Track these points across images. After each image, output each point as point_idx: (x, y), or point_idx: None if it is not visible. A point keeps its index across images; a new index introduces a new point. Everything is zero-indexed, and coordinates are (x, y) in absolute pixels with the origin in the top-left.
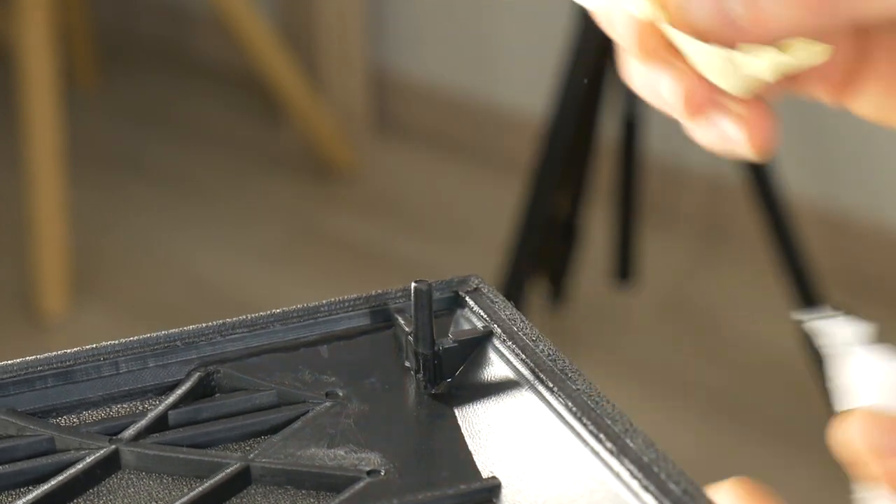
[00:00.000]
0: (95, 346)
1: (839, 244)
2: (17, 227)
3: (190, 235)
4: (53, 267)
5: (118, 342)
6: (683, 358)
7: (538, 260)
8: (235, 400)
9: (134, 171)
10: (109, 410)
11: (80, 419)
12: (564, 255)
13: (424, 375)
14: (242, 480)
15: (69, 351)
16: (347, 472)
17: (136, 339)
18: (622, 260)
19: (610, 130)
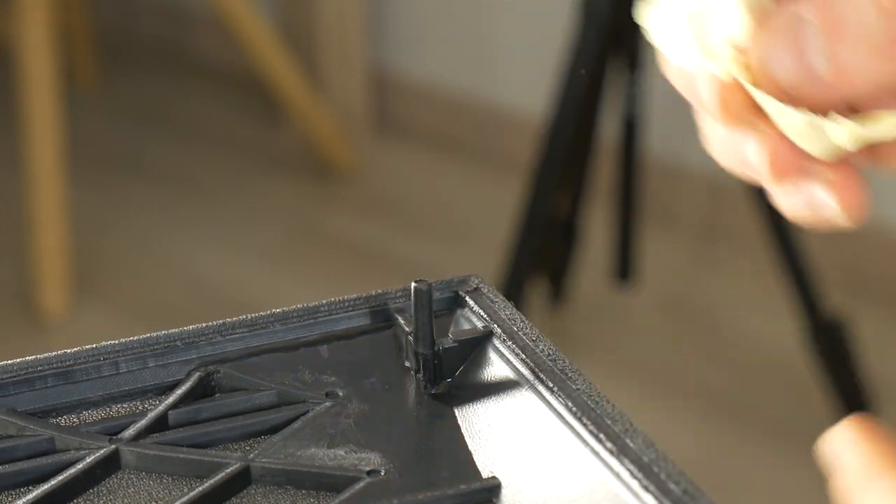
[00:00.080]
0: (95, 346)
1: (839, 244)
2: (17, 227)
3: (190, 235)
4: (53, 267)
5: (118, 342)
6: (683, 358)
7: (538, 260)
8: (235, 400)
9: (134, 171)
10: (109, 410)
11: (80, 419)
12: (564, 255)
13: (424, 375)
14: (242, 480)
15: (69, 351)
16: (347, 472)
17: (136, 339)
18: (622, 260)
19: (610, 130)
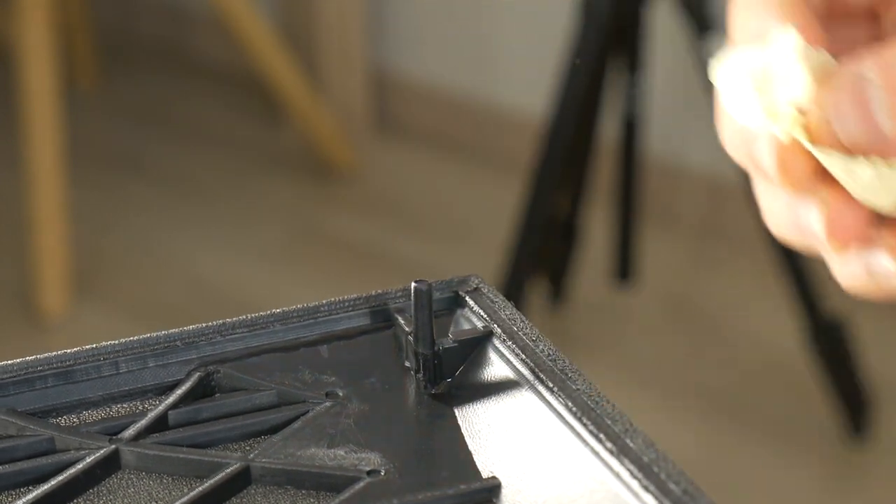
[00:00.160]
0: (95, 346)
1: None
2: (17, 227)
3: (190, 235)
4: (53, 267)
5: (118, 342)
6: (683, 358)
7: (538, 260)
8: (235, 400)
9: (134, 171)
10: (109, 410)
11: (80, 419)
12: (564, 255)
13: (424, 375)
14: (242, 480)
15: (69, 351)
16: (347, 472)
17: (136, 339)
18: (622, 260)
19: (610, 130)
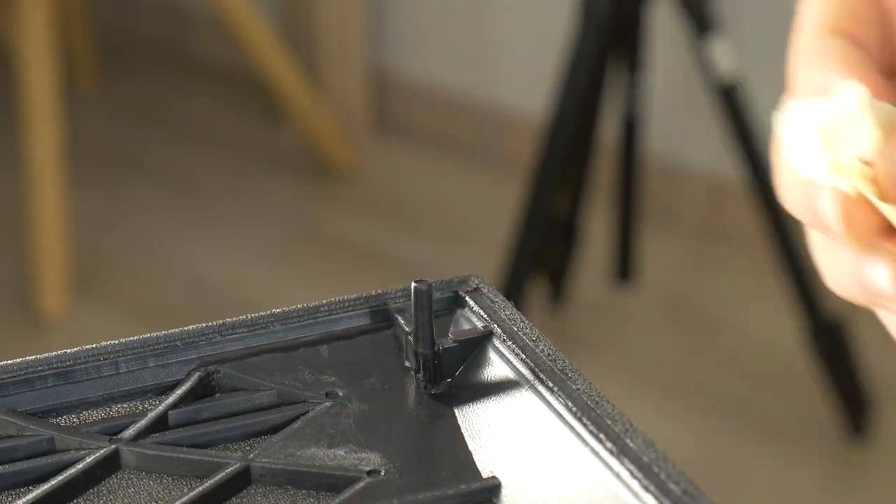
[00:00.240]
0: (95, 346)
1: None
2: (17, 227)
3: (190, 235)
4: (53, 267)
5: (118, 342)
6: (683, 358)
7: (538, 260)
8: (235, 400)
9: (134, 171)
10: (109, 410)
11: (80, 419)
12: (564, 255)
13: (424, 375)
14: (242, 480)
15: (69, 351)
16: (347, 472)
17: (136, 339)
18: (622, 260)
19: (610, 130)
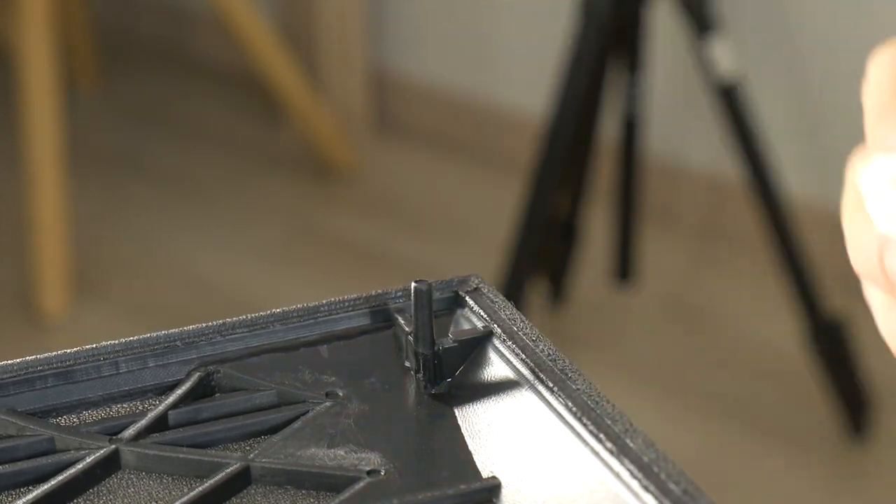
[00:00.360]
0: (95, 346)
1: (839, 244)
2: (17, 227)
3: (190, 235)
4: (53, 267)
5: (118, 342)
6: (683, 358)
7: (538, 260)
8: (235, 400)
9: (134, 171)
10: (109, 410)
11: (80, 419)
12: (564, 255)
13: (424, 375)
14: (242, 480)
15: (69, 351)
16: (347, 472)
17: (136, 339)
18: (622, 260)
19: (610, 130)
